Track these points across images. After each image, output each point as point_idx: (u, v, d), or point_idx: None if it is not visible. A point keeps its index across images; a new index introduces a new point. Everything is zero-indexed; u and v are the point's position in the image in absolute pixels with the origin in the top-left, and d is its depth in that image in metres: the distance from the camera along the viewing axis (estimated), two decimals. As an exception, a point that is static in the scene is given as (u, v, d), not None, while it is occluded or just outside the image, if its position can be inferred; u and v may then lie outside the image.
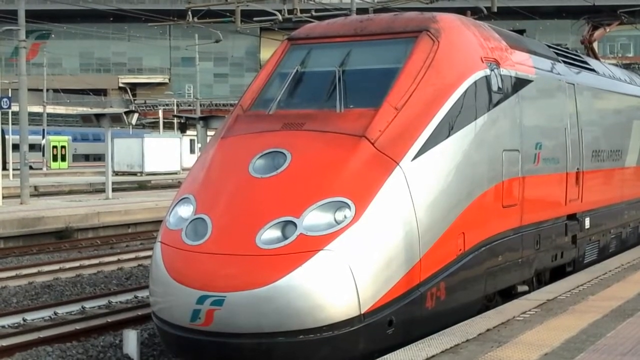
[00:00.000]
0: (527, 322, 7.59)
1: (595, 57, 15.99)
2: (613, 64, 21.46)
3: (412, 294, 7.38)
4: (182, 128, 53.18)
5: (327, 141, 7.69)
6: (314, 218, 7.07)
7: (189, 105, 76.47)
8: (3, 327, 10.80)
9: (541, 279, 10.58)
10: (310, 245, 6.90)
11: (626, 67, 37.42)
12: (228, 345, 6.83)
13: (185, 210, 7.66)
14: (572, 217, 11.34)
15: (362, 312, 6.91)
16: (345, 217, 7.08)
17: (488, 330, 7.27)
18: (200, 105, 64.27)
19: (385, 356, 6.49)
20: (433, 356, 6.39)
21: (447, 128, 8.06)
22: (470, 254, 8.25)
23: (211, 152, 8.25)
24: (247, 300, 6.74)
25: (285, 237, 7.00)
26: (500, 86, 9.09)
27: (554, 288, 9.49)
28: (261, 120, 8.28)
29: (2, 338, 10.25)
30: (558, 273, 11.00)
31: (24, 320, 11.06)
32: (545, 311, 8.10)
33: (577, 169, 11.41)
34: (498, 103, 8.99)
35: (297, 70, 8.63)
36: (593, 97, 12.58)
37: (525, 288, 9.79)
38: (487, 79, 8.81)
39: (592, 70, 13.20)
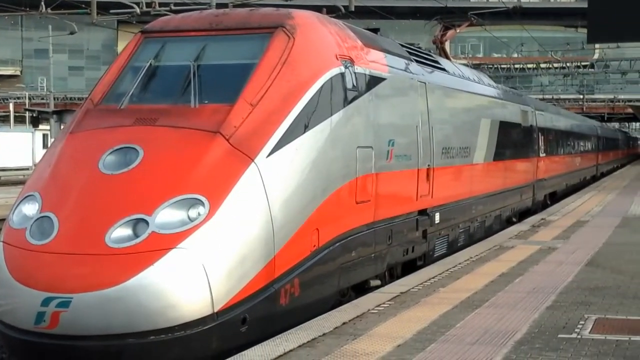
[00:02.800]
0: (381, 315, 7.74)
1: (447, 56, 16.51)
2: (464, 64, 22.26)
3: (266, 291, 7.36)
4: (35, 122, 51.27)
5: (181, 137, 7.55)
6: (166, 215, 6.93)
7: (42, 99, 73.70)
8: None
9: (393, 273, 10.82)
10: (162, 244, 6.75)
11: (476, 67, 38.93)
12: (75, 348, 6.57)
13: (30, 209, 7.34)
14: (423, 212, 11.64)
15: (215, 311, 6.82)
16: (199, 214, 6.98)
17: (344, 323, 7.37)
18: (54, 99, 62.05)
19: (243, 352, 6.49)
20: (290, 350, 6.44)
21: (302, 125, 8.09)
22: (325, 250, 8.33)
23: (59, 147, 7.93)
24: (96, 301, 6.51)
25: (136, 236, 6.82)
26: (355, 84, 9.21)
27: (407, 281, 9.72)
28: (112, 115, 8.05)
29: None
30: (409, 267, 11.28)
31: None
32: (398, 304, 8.28)
33: (428, 165, 11.72)
34: (352, 100, 9.11)
35: (150, 64, 8.44)
36: (443, 96, 12.97)
37: (378, 282, 9.98)
38: (341, 76, 8.90)
39: (443, 69, 13.61)
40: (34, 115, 47.41)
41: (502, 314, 7.75)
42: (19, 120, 69.13)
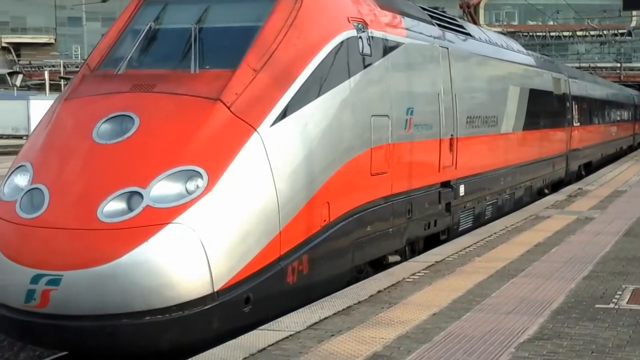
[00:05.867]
0: (416, 284, 7.71)
1: (474, 22, 15.87)
2: (498, 32, 21.57)
3: (272, 269, 6.93)
4: (68, 90, 51.45)
5: (180, 104, 7.11)
6: (162, 188, 6.51)
7: (77, 67, 73.86)
8: None
9: (415, 248, 10.36)
10: (158, 218, 6.34)
11: (511, 35, 38.05)
12: (67, 328, 6.23)
13: (21, 180, 6.98)
14: (446, 184, 11.15)
15: (215, 290, 6.41)
16: (197, 187, 6.55)
17: (379, 291, 7.34)
18: (87, 67, 62.03)
19: (279, 318, 6.36)
20: (326, 318, 6.39)
21: (310, 92, 7.60)
22: (336, 225, 7.88)
23: (53, 115, 7.55)
24: (87, 279, 6.14)
25: (130, 210, 6.42)
26: (368, 48, 8.70)
27: (442, 250, 9.69)
28: (109, 80, 7.62)
29: None
30: (433, 241, 10.80)
31: None
32: (433, 273, 8.25)
33: (451, 135, 11.20)
34: (366, 66, 8.61)
35: (150, 27, 7.99)
36: (468, 63, 12.39)
37: (397, 258, 9.52)
38: (353, 40, 8.41)
39: (468, 34, 13.00)
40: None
41: (538, 284, 7.68)
42: (54, 88, 69.50)
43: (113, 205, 6.45)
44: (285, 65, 7.48)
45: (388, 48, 9.21)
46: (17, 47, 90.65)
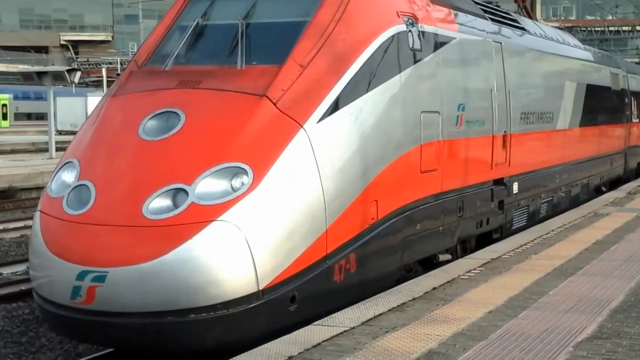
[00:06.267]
0: (472, 281, 7.67)
1: (529, 16, 15.55)
2: (555, 27, 21.14)
3: (318, 268, 6.83)
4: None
5: (225, 101, 7.04)
6: (207, 185, 6.45)
7: (133, 64, 74.64)
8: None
9: (467, 247, 10.16)
10: (203, 215, 6.28)
11: (568, 30, 37.33)
12: (112, 325, 6.22)
13: (69, 176, 6.98)
14: (499, 181, 10.92)
15: (260, 288, 6.33)
16: (242, 184, 6.47)
17: (434, 288, 7.33)
18: (143, 64, 62.77)
19: (333, 314, 6.36)
20: (381, 314, 6.41)
21: (358, 88, 7.46)
22: (385, 223, 7.74)
23: (100, 111, 7.56)
24: (132, 276, 6.12)
25: (175, 207, 6.37)
26: (419, 44, 8.54)
27: (498, 247, 9.59)
28: (156, 77, 7.59)
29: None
30: (485, 240, 10.59)
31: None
32: (489, 270, 8.19)
33: (505, 131, 10.97)
34: (415, 62, 8.45)
35: (197, 23, 7.94)
36: (523, 58, 12.13)
37: (448, 257, 9.35)
38: (403, 35, 8.26)
39: (522, 29, 12.73)
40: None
41: (596, 282, 7.61)
42: (111, 85, 70.44)
43: (158, 202, 6.41)
44: (332, 61, 7.36)
45: (439, 43, 9.03)
46: (75, 44, 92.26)
